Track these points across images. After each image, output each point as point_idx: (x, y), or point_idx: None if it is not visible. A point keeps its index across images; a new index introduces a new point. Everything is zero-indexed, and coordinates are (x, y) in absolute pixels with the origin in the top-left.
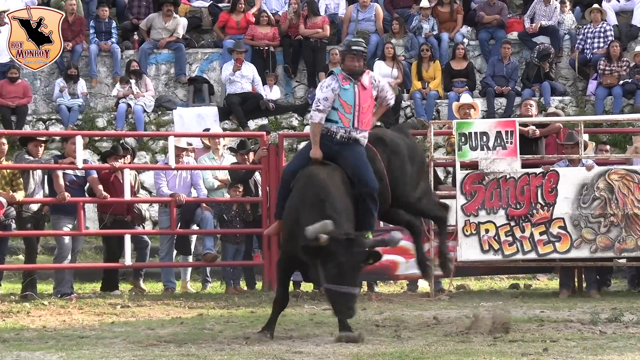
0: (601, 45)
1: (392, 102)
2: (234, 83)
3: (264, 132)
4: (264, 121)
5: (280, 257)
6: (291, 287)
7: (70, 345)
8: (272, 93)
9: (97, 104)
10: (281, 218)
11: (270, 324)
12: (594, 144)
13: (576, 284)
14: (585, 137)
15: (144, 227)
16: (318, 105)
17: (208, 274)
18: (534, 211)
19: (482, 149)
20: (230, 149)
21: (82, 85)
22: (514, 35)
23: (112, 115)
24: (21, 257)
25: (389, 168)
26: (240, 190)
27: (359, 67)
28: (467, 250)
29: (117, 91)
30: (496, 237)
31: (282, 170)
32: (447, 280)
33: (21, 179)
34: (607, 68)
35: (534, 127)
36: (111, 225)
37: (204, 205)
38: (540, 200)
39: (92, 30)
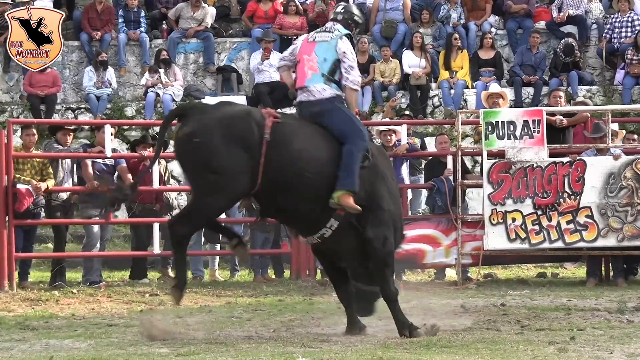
0: (629, 34)
1: (352, 85)
2: (262, 72)
3: None
4: (292, 110)
5: None
6: (319, 275)
7: (99, 333)
8: None
9: (125, 93)
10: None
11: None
12: (624, 132)
13: (603, 272)
14: (615, 126)
15: (172, 216)
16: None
17: (237, 263)
18: (561, 200)
19: (509, 138)
20: None
21: (110, 74)
22: (541, 24)
23: (140, 104)
24: (50, 245)
25: None
26: None
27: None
28: (494, 239)
29: (145, 80)
30: (523, 226)
31: None
32: (474, 269)
33: (50, 168)
34: (634, 57)
35: (561, 117)
36: (140, 213)
37: None
38: (567, 189)
39: (121, 20)
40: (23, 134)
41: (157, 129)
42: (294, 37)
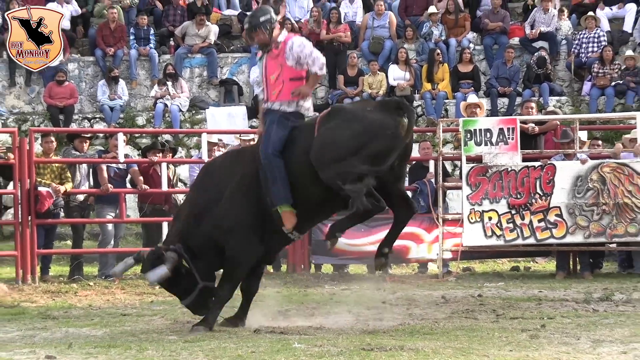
0: (595, 49)
1: (319, 70)
2: (261, 84)
3: None
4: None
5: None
6: (313, 269)
7: (114, 322)
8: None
9: (136, 104)
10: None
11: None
12: (589, 141)
13: (571, 266)
14: (583, 133)
15: None
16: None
17: None
18: (533, 201)
19: (486, 145)
20: None
21: (122, 87)
22: (515, 40)
23: (150, 114)
24: (69, 242)
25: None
26: None
27: (264, 40)
28: (472, 236)
29: (155, 92)
30: (498, 224)
31: None
32: (454, 263)
33: (69, 172)
34: (600, 71)
35: (533, 125)
36: (150, 213)
37: None
38: (538, 190)
39: (132, 37)
40: (43, 141)
41: (165, 136)
42: None
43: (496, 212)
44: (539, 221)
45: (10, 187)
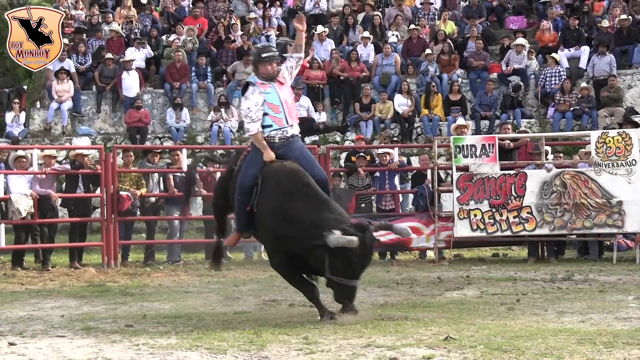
0: (557, 82)
1: (302, 54)
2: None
3: (316, 145)
4: (315, 137)
5: (277, 260)
6: None
7: (179, 297)
8: (321, 117)
9: (197, 126)
10: (244, 230)
11: (320, 309)
12: (552, 156)
13: (540, 253)
14: (548, 148)
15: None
16: (249, 115)
17: None
18: (509, 201)
19: (471, 157)
20: None
21: (185, 113)
22: (494, 75)
23: (207, 134)
24: (144, 235)
25: None
26: None
27: (274, 71)
28: (461, 229)
29: (211, 117)
30: (482, 220)
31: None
32: (447, 251)
33: (144, 180)
34: (561, 99)
35: (509, 141)
36: (208, 211)
37: None
38: (513, 193)
39: (193, 74)
40: (124, 155)
41: (220, 150)
42: (317, 85)
43: (480, 210)
44: (514, 217)
45: (98, 191)
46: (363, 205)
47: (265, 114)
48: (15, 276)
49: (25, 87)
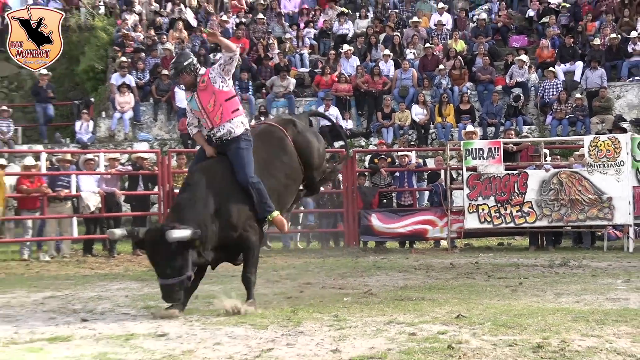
0: (554, 93)
1: (233, 53)
2: (197, 119)
3: (343, 149)
4: (342, 142)
5: None
6: (361, 244)
7: (226, 281)
8: (348, 124)
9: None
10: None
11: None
12: (550, 158)
13: (539, 242)
14: (547, 151)
15: None
16: (188, 121)
17: (310, 237)
18: (512, 197)
19: (479, 159)
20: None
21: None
22: (499, 87)
23: None
24: None
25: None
26: (330, 185)
27: (190, 80)
28: (471, 221)
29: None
30: (489, 214)
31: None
32: (459, 241)
33: None
34: (558, 108)
35: (512, 145)
36: None
37: None
38: (516, 190)
39: (236, 87)
40: (178, 158)
41: None
42: (344, 96)
43: (487, 205)
44: (517, 211)
45: (156, 189)
46: (385, 201)
47: (198, 119)
48: (86, 262)
49: (92, 99)
